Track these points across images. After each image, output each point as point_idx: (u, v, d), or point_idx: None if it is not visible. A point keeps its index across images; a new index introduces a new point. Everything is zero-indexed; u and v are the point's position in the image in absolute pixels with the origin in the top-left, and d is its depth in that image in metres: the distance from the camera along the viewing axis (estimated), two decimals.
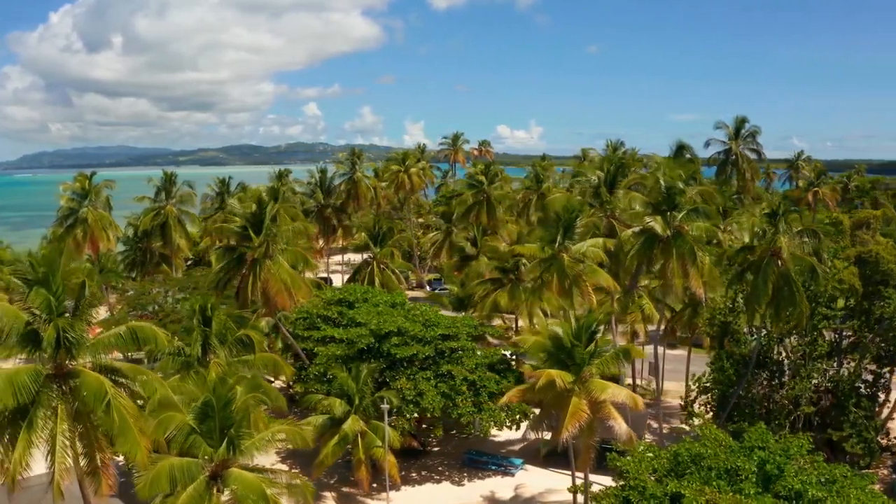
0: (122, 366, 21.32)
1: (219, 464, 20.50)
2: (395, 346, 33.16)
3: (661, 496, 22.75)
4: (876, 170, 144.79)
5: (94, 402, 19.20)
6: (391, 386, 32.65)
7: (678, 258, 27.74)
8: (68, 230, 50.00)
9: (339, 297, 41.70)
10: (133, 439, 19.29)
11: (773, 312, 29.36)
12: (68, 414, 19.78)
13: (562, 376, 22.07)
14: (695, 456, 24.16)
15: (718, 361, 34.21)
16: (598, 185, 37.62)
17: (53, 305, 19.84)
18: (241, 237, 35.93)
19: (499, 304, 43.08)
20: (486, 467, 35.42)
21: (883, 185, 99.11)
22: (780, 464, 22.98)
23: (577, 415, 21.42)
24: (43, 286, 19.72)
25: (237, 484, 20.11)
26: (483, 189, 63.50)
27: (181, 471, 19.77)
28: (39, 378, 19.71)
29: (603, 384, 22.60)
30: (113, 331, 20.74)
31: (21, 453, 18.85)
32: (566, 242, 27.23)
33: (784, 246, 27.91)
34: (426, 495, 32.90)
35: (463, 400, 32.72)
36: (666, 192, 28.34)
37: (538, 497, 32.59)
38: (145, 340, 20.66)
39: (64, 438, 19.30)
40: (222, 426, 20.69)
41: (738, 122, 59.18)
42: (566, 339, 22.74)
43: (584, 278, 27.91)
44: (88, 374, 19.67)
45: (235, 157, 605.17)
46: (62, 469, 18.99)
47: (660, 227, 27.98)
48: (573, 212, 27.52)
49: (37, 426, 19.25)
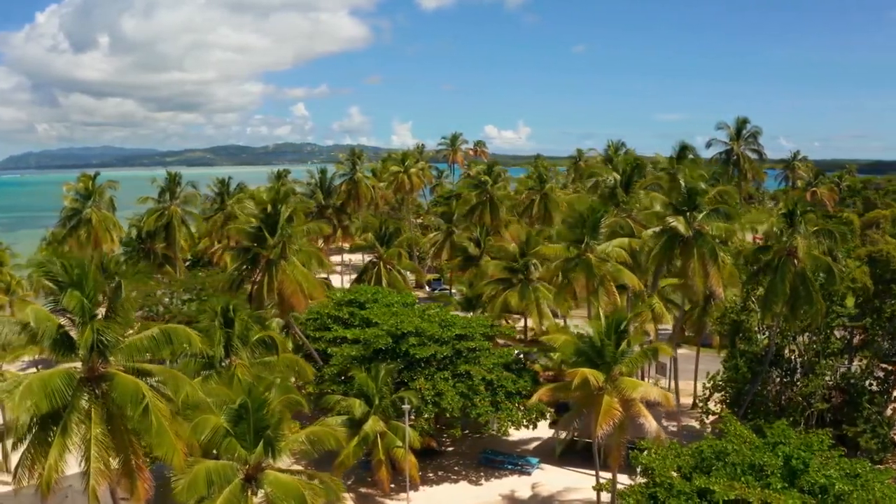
0: (153, 368, 21.12)
1: (253, 466, 20.43)
2: (413, 347, 33.15)
3: (689, 492, 22.98)
4: (864, 170, 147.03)
5: (130, 406, 19.00)
6: (410, 386, 32.64)
7: (699, 258, 28.04)
8: (71, 231, 49.43)
9: (350, 298, 41.65)
10: (169, 442, 19.12)
11: (790, 311, 29.72)
12: (101, 417, 19.58)
13: (595, 375, 22.21)
14: (718, 452, 24.45)
15: (732, 360, 34.58)
16: (615, 185, 37.87)
17: (87, 308, 19.63)
18: (255, 238, 35.75)
19: (509, 304, 43.21)
20: (503, 467, 35.52)
21: (874, 184, 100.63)
22: (805, 459, 23.29)
23: (611, 413, 21.58)
24: (77, 288, 19.50)
25: (273, 486, 20.04)
26: (486, 189, 63.64)
27: (217, 473, 19.68)
28: (73, 381, 19.48)
29: (634, 382, 22.82)
30: (145, 333, 20.54)
31: (56, 458, 18.62)
32: (591, 242, 27.36)
33: (801, 246, 28.30)
34: (445, 495, 32.93)
35: (481, 400, 32.83)
36: (687, 193, 28.64)
37: (557, 496, 32.75)
38: (179, 342, 20.47)
39: (98, 442, 19.09)
40: (256, 428, 20.63)
41: (739, 122, 59.87)
42: (596, 338, 22.89)
43: (608, 278, 28.13)
44: (124, 377, 19.47)
45: (223, 158, 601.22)
46: (97, 473, 18.77)
47: (683, 227, 28.26)
48: (598, 212, 27.69)
49: (71, 430, 19.02)
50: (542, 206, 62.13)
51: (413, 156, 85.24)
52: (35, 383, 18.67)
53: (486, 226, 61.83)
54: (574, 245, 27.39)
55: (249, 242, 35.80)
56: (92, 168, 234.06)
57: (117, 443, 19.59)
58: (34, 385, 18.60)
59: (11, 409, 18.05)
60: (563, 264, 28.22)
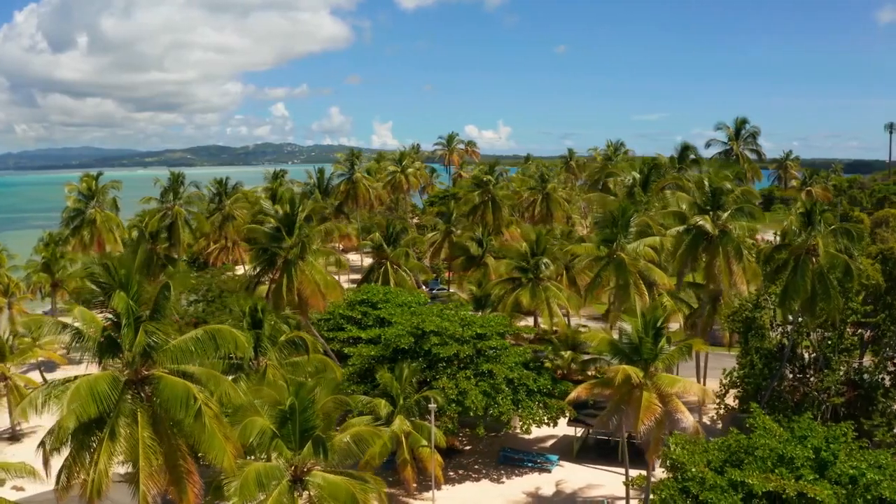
0: (194, 370, 20.89)
1: (300, 467, 20.32)
2: (436, 346, 33.19)
3: (724, 485, 23.33)
4: (845, 169, 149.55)
5: (180, 408, 18.75)
6: (433, 386, 32.68)
7: (724, 256, 28.52)
8: (74, 231, 48.55)
9: (362, 298, 41.55)
10: (219, 445, 18.93)
11: (807, 307, 30.34)
12: (147, 421, 19.32)
13: (635, 372, 22.48)
14: (747, 446, 24.87)
15: (746, 356, 35.15)
16: (634, 184, 38.30)
17: (134, 309, 19.39)
18: (272, 238, 35.51)
19: (521, 303, 43.41)
20: (523, 464, 35.71)
21: (858, 183, 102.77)
22: (835, 450, 23.79)
23: (651, 409, 21.88)
24: (123, 290, 19.24)
25: (322, 486, 19.95)
26: (488, 189, 63.86)
27: (266, 475, 19.54)
28: (118, 385, 19.22)
29: (673, 378, 23.15)
30: (189, 334, 20.31)
31: (106, 463, 18.34)
32: (622, 241, 27.71)
33: (822, 244, 28.92)
34: (469, 493, 33.01)
35: (503, 398, 32.99)
36: (711, 193, 29.11)
37: (580, 492, 33.02)
38: (224, 344, 20.25)
39: (146, 446, 18.85)
40: (302, 429, 20.53)
41: (738, 123, 60.88)
42: (634, 336, 23.18)
43: (639, 276, 28.46)
44: (171, 379, 19.22)
45: (203, 159, 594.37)
46: (148, 477, 18.53)
47: (710, 226, 28.73)
48: (629, 212, 28.03)
49: (119, 435, 18.74)
50: (545, 205, 62.48)
51: (410, 156, 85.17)
52: (82, 387, 18.38)
53: (489, 225, 62.14)
54: (605, 244, 27.70)
55: (267, 242, 35.52)
56: (71, 169, 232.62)
57: (164, 446, 19.35)
58: (82, 389, 18.31)
59: (61, 414, 17.71)
60: (594, 263, 28.54)
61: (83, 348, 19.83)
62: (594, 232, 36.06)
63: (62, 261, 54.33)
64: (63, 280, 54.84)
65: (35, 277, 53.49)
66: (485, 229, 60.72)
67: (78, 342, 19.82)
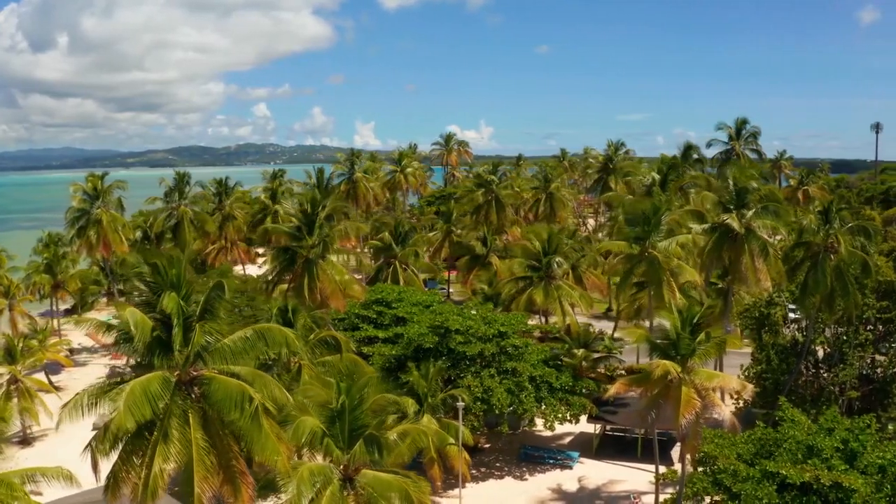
0: (242, 370, 20.75)
1: (349, 466, 20.30)
2: (460, 345, 33.30)
3: (758, 476, 23.75)
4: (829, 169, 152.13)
5: (234, 409, 18.58)
6: (458, 384, 32.79)
7: (749, 254, 29.07)
8: (80, 232, 47.81)
9: (376, 298, 41.51)
10: (273, 446, 18.81)
11: (826, 304, 31.00)
12: (199, 422, 19.16)
13: (673, 366, 22.83)
14: (776, 439, 25.36)
15: (762, 352, 35.76)
16: (653, 184, 38.77)
17: (185, 310, 19.22)
18: (292, 237, 35.36)
19: (534, 301, 43.73)
20: (544, 461, 35.97)
21: (846, 183, 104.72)
22: (864, 441, 24.35)
23: (691, 403, 22.23)
24: (174, 290, 19.06)
25: (372, 485, 19.94)
26: (492, 189, 64.10)
27: (319, 475, 19.50)
28: (169, 386, 19.00)
29: (711, 373, 23.55)
30: (238, 334, 20.16)
31: (161, 466, 18.12)
32: (654, 239, 28.12)
33: (843, 241, 29.61)
34: (494, 491, 33.17)
35: (527, 396, 33.22)
36: (736, 192, 29.68)
37: (603, 487, 33.36)
38: (274, 343, 20.15)
39: (200, 448, 18.69)
40: (351, 428, 20.50)
41: (738, 123, 61.88)
42: (672, 331, 23.53)
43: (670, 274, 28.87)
44: (224, 379, 19.04)
45: (185, 159, 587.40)
46: (203, 480, 18.36)
47: (737, 224, 29.26)
48: (660, 210, 28.45)
49: (172, 437, 18.54)
50: (548, 205, 62.92)
51: (409, 155, 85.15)
52: (137, 389, 18.15)
53: (493, 225, 62.40)
54: (636, 242, 28.12)
55: (288, 242, 35.35)
56: (53, 170, 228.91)
57: (216, 447, 19.20)
58: (136, 391, 18.10)
59: (118, 417, 17.45)
60: (626, 261, 28.92)
61: (130, 349, 19.60)
62: (615, 230, 36.36)
63: (64, 261, 53.52)
64: (65, 281, 54.03)
65: (37, 278, 52.63)
66: (489, 229, 61.01)
67: (125, 343, 19.59)
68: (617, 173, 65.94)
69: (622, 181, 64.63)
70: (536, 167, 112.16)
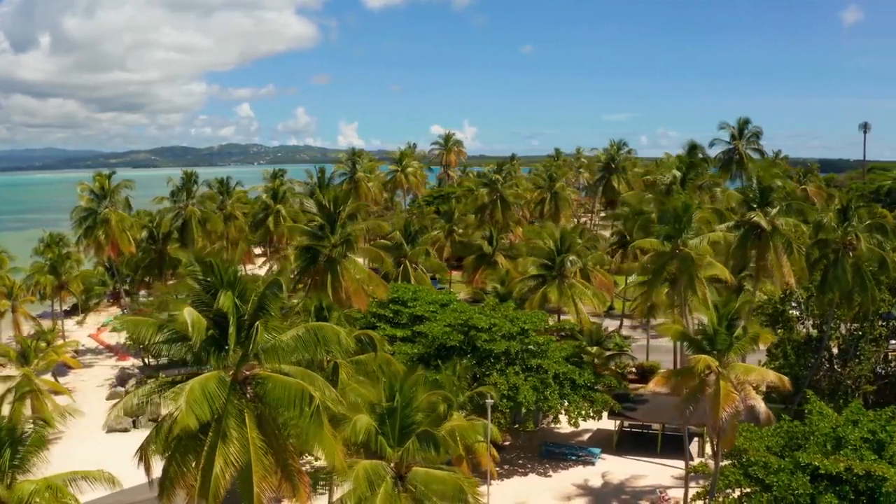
0: (292, 369, 20.68)
1: (400, 463, 20.36)
2: (486, 342, 33.48)
3: (790, 467, 24.19)
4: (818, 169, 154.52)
5: (292, 408, 18.45)
6: (484, 381, 32.95)
7: (775, 251, 29.62)
8: (87, 232, 47.15)
9: (393, 297, 41.51)
10: (330, 443, 18.77)
11: (844, 299, 31.68)
12: (255, 422, 19.06)
13: (712, 361, 23.20)
14: (804, 431, 25.87)
15: (778, 348, 36.39)
16: (673, 182, 39.25)
17: (240, 308, 19.11)
18: (312, 236, 35.23)
19: (549, 299, 44.06)
20: (566, 458, 36.27)
21: (836, 182, 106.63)
22: (891, 432, 24.92)
23: (731, 397, 22.63)
24: (230, 288, 18.94)
25: (425, 482, 20.01)
26: (497, 188, 64.36)
27: (373, 472, 19.53)
28: (225, 385, 18.87)
29: (748, 367, 23.99)
30: (291, 332, 20.09)
31: (222, 467, 17.96)
32: (685, 237, 28.54)
33: (863, 239, 30.30)
34: (519, 487, 33.38)
35: (551, 393, 33.50)
36: (760, 190, 30.25)
37: (626, 483, 33.73)
38: (326, 341, 20.08)
39: (257, 447, 18.60)
40: (402, 426, 20.56)
41: (741, 123, 62.88)
42: (710, 327, 23.91)
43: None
44: (283, 378, 18.90)
45: (167, 160, 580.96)
46: (261, 479, 18.28)
47: (764, 222, 29.81)
48: (691, 208, 28.88)
49: (231, 437, 18.39)
50: (553, 204, 63.33)
51: (409, 155, 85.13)
52: (196, 388, 17.99)
53: (499, 224, 62.67)
54: (667, 240, 28.52)
55: (309, 241, 35.21)
56: (35, 170, 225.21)
57: (272, 446, 19.12)
58: (196, 390, 17.95)
59: (181, 417, 17.29)
60: (656, 258, 29.32)
61: (183, 348, 19.46)
62: (636, 227, 36.70)
63: (69, 262, 52.79)
64: (69, 282, 53.29)
65: (40, 279, 51.85)
66: (495, 228, 61.26)
67: (177, 342, 19.44)
68: (619, 172, 66.53)
69: (624, 180, 65.22)
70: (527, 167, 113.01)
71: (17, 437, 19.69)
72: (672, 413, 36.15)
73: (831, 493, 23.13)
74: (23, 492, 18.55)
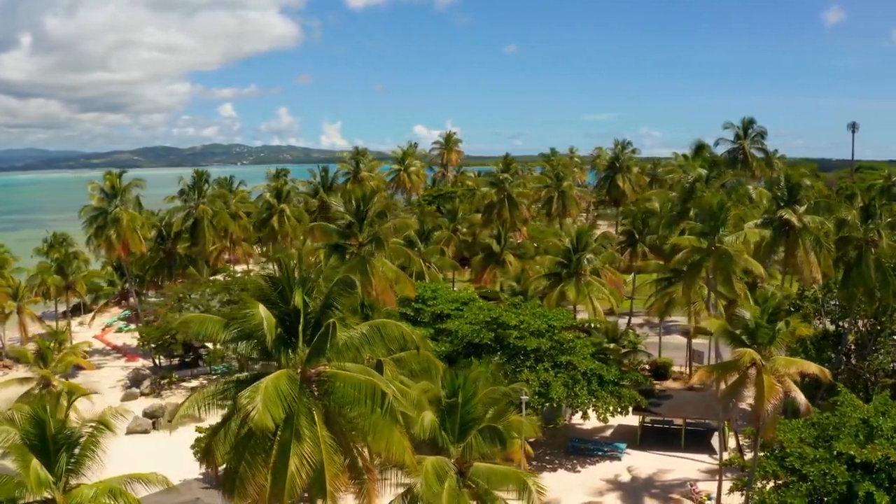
0: (351, 366, 20.61)
1: (461, 459, 20.48)
2: (517, 339, 33.68)
3: (828, 457, 24.71)
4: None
5: (363, 405, 18.40)
6: (516, 378, 33.13)
7: (803, 247, 30.25)
8: (98, 231, 46.46)
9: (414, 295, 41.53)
10: (398, 440, 18.76)
11: (867, 295, 32.44)
12: (323, 420, 19.01)
13: (756, 355, 23.65)
14: (836, 422, 26.45)
15: (798, 343, 37.03)
16: (696, 180, 39.80)
17: (309, 305, 19.07)
18: (339, 234, 35.15)
19: (567, 297, 44.42)
20: (593, 454, 36.61)
21: (826, 181, 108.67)
22: None
23: (774, 389, 23.09)
24: (301, 286, 18.89)
25: (487, 477, 20.17)
26: (504, 187, 64.64)
27: (439, 469, 19.63)
28: (295, 384, 18.78)
29: (789, 360, 24.49)
30: (356, 330, 20.07)
31: (297, 465, 17.85)
32: (721, 234, 29.04)
33: (884, 235, 31.07)
34: (550, 482, 33.04)
35: (580, 389, 33.82)
36: (788, 188, 30.88)
37: (655, 477, 34.17)
38: (391, 338, 20.09)
39: (328, 446, 18.55)
40: (462, 422, 20.68)
41: (745, 123, 63.88)
42: (752, 321, 24.36)
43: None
44: (352, 376, 18.80)
45: (150, 160, 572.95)
46: (333, 478, 18.23)
47: (795, 219, 30.42)
48: (727, 206, 29.38)
49: (304, 436, 18.31)
50: (560, 202, 63.78)
51: (412, 154, 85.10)
52: (270, 387, 17.87)
53: (506, 223, 62.96)
54: (703, 237, 28.99)
55: (337, 239, 35.13)
56: (16, 171, 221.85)
57: (341, 444, 19.09)
58: (270, 389, 17.84)
59: (258, 417, 17.16)
60: (691, 254, 29.76)
61: (249, 346, 19.37)
62: (661, 227, 37.19)
63: (76, 262, 52.02)
64: (76, 282, 52.50)
65: (46, 279, 51.01)
66: (503, 227, 61.55)
67: (243, 339, 19.34)
68: (624, 171, 67.22)
69: (628, 179, 65.86)
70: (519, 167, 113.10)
71: (73, 440, 19.35)
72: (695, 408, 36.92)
73: (868, 481, 23.69)
74: (82, 496, 18.22)
